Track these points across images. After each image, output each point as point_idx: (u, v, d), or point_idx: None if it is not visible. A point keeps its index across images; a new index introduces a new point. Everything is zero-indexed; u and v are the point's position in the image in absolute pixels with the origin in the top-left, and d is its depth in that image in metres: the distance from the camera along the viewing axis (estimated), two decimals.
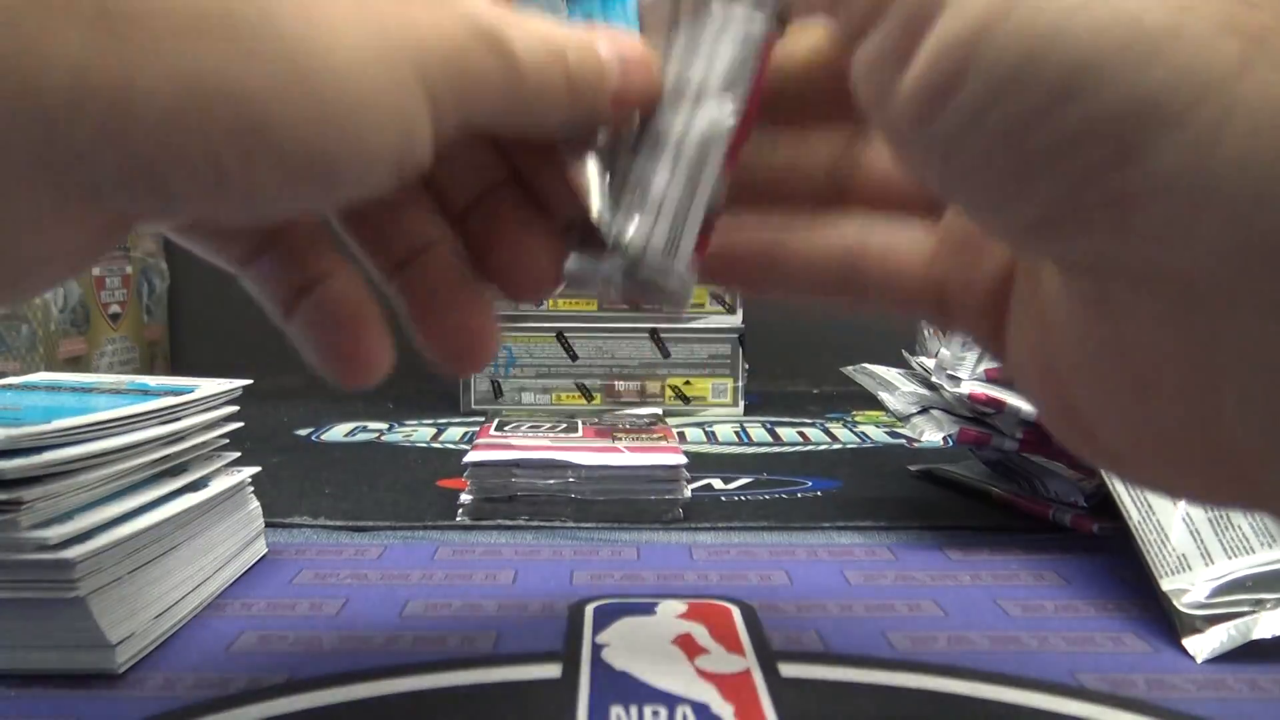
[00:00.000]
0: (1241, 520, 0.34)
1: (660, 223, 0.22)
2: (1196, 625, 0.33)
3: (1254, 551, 0.33)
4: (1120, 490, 0.38)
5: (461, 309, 0.25)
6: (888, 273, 0.24)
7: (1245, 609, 0.33)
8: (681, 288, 0.23)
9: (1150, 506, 0.37)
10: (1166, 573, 0.35)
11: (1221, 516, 0.35)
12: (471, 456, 0.50)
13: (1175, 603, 0.34)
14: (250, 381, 0.42)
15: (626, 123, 0.23)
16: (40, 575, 0.30)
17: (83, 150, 0.16)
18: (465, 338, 0.25)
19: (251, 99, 0.16)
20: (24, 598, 0.30)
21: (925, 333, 0.59)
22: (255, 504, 0.43)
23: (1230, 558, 0.34)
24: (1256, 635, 0.32)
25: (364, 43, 0.17)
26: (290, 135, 0.17)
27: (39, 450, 0.30)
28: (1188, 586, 0.34)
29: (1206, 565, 0.34)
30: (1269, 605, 0.32)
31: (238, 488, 0.41)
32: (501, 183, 0.25)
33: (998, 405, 0.46)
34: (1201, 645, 0.33)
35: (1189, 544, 0.35)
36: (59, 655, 0.31)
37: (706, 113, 0.22)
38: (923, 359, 0.55)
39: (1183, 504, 0.36)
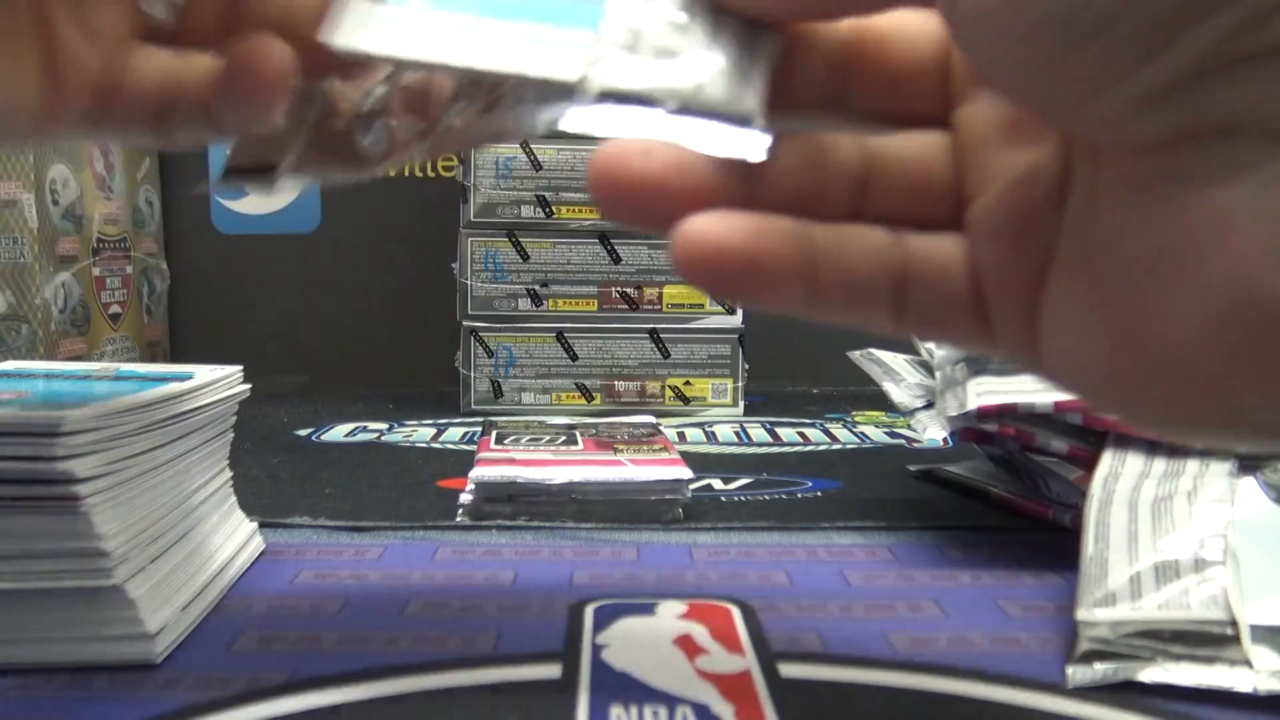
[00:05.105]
0: (1190, 577, 0.33)
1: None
2: (1088, 658, 0.32)
3: (1189, 608, 0.32)
4: (1091, 521, 0.37)
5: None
6: (930, 274, 0.21)
7: (1144, 655, 0.32)
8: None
9: (1107, 544, 0.36)
10: (1086, 604, 0.34)
11: (1170, 565, 0.34)
12: (476, 474, 0.50)
13: (1081, 631, 0.33)
14: (242, 367, 0.42)
15: None
16: (78, 564, 0.31)
17: None
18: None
19: None
20: (64, 587, 0.31)
21: None
22: (233, 498, 0.43)
23: (1161, 608, 0.32)
24: (1141, 678, 0.31)
25: None
26: None
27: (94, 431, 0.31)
28: (1099, 621, 0.33)
29: (1133, 609, 0.33)
30: (1173, 656, 0.31)
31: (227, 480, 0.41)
32: None
33: (1009, 409, 0.46)
34: (1078, 674, 0.32)
35: (1124, 587, 0.34)
36: (98, 647, 0.32)
37: None
38: (929, 344, 0.54)
39: (1138, 550, 0.35)
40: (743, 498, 0.55)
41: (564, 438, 0.58)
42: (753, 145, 0.20)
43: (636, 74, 0.20)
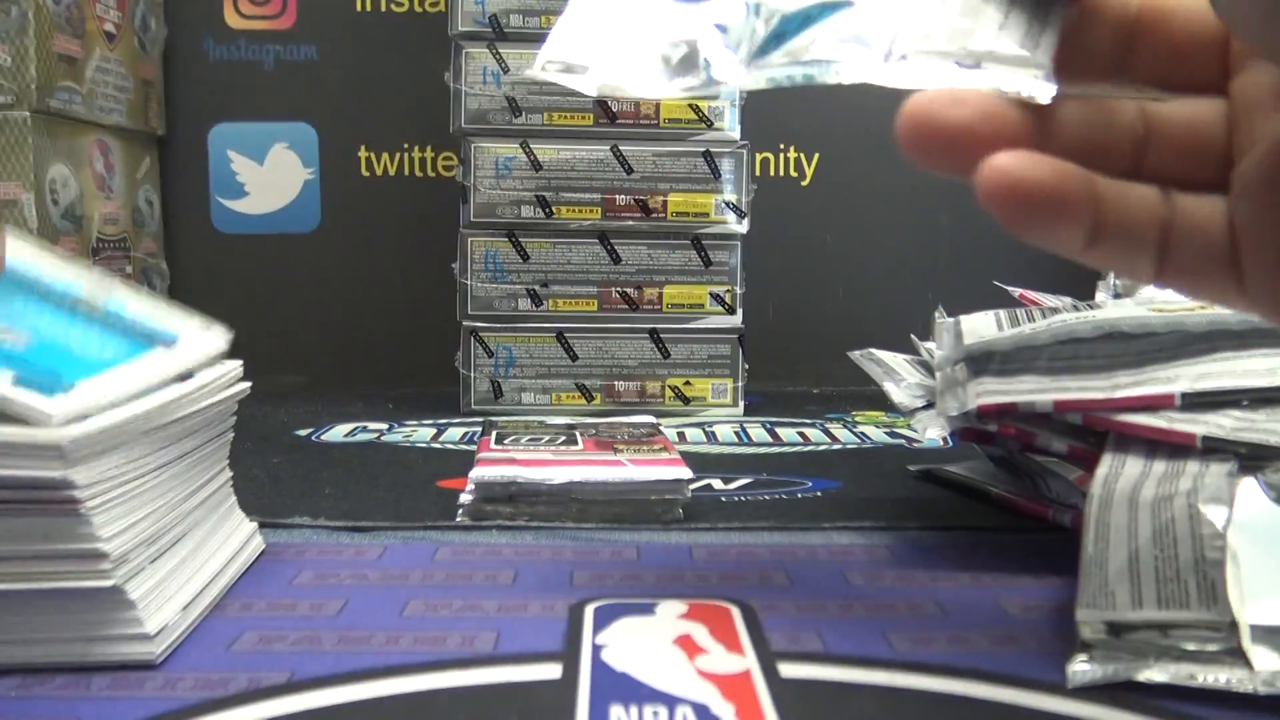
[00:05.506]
0: (1190, 577, 0.33)
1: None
2: (1089, 657, 0.32)
3: (1189, 608, 0.33)
4: (1091, 521, 0.37)
5: None
6: (1193, 229, 0.23)
7: (1144, 654, 0.32)
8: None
9: (1107, 544, 0.36)
10: (1086, 604, 0.34)
11: (1170, 565, 0.34)
12: (476, 474, 0.50)
13: (1081, 630, 0.33)
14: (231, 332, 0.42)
15: None
16: (78, 565, 0.31)
17: None
18: None
19: None
20: (64, 588, 0.31)
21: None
22: (233, 498, 0.43)
23: (1161, 608, 0.33)
24: (1141, 678, 0.31)
25: None
26: None
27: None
28: (1099, 620, 0.33)
29: (1133, 609, 0.33)
30: (1173, 656, 0.32)
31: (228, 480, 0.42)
32: None
33: (1009, 409, 0.46)
34: (1078, 674, 0.32)
35: (1123, 584, 0.34)
36: (98, 647, 0.32)
37: None
38: (930, 344, 0.54)
39: (1138, 550, 0.35)
40: (743, 498, 0.55)
41: (564, 438, 0.58)
42: (1039, 92, 0.22)
43: (941, 36, 0.23)
